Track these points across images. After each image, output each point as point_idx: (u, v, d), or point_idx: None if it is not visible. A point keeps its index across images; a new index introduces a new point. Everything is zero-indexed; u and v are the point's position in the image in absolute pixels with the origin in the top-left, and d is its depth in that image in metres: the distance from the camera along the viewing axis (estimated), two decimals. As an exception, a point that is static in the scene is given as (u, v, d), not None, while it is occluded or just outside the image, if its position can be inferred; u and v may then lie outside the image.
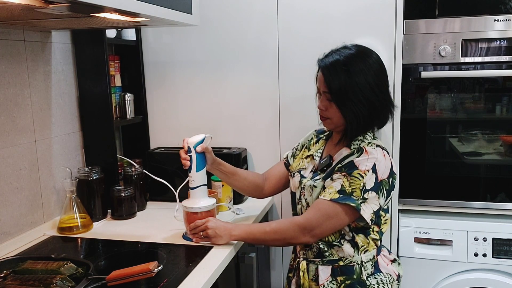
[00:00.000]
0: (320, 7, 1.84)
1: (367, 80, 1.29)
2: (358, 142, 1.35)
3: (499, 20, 1.70)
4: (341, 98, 1.31)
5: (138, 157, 2.01)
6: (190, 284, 1.21)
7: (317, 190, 1.35)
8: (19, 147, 1.53)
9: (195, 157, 1.48)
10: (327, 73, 1.32)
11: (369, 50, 1.36)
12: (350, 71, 1.29)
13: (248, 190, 1.64)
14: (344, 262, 1.34)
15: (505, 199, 1.80)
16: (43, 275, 1.19)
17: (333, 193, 1.28)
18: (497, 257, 1.78)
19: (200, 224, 1.46)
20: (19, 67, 1.53)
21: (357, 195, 1.26)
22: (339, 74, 1.30)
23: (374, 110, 1.32)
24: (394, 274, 1.39)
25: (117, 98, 1.98)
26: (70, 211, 1.61)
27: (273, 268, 2.07)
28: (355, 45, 1.37)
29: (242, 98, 2.01)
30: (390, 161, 1.33)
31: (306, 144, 1.55)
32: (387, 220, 1.38)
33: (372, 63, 1.32)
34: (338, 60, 1.31)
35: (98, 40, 1.77)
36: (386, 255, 1.42)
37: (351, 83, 1.29)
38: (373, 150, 1.30)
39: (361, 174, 1.27)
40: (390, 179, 1.31)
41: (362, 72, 1.29)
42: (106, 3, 1.07)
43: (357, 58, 1.32)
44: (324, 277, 1.35)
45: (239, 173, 1.61)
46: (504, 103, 1.77)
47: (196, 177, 1.49)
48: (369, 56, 1.34)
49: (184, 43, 2.03)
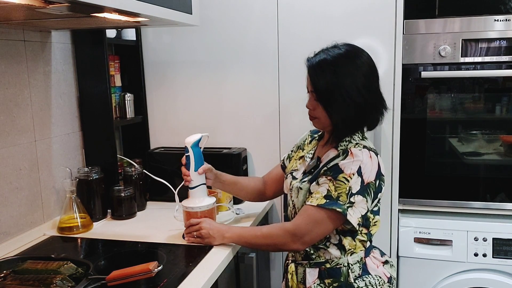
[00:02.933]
0: (320, 7, 1.84)
1: (354, 82, 1.26)
2: (346, 143, 1.31)
3: (499, 20, 1.70)
4: (327, 99, 1.28)
5: (138, 157, 2.01)
6: (190, 284, 1.21)
7: (302, 192, 1.34)
8: (19, 147, 1.53)
9: (192, 157, 1.48)
10: (313, 73, 1.30)
11: (359, 50, 1.32)
12: (337, 72, 1.26)
13: (250, 197, 1.66)
14: (331, 265, 1.32)
15: (505, 199, 1.80)
16: (43, 275, 1.19)
17: (320, 199, 1.25)
18: (497, 257, 1.78)
19: (194, 223, 1.46)
20: (19, 67, 1.53)
21: (343, 199, 1.24)
22: (326, 74, 1.27)
23: (360, 112, 1.29)
24: (385, 276, 1.36)
25: (117, 98, 1.98)
26: (70, 211, 1.61)
27: (273, 268, 2.07)
28: (346, 45, 1.33)
29: (242, 98, 2.01)
30: (378, 162, 1.29)
31: (300, 145, 1.54)
32: (377, 222, 1.35)
33: (361, 64, 1.29)
34: (325, 60, 1.28)
35: (98, 40, 1.77)
36: (376, 257, 1.39)
37: (337, 83, 1.26)
38: (358, 152, 1.27)
39: (347, 177, 1.24)
40: (377, 181, 1.28)
41: (349, 73, 1.26)
42: (106, 3, 1.07)
43: (345, 58, 1.29)
44: (312, 280, 1.33)
45: (240, 181, 1.64)
46: (504, 103, 1.77)
47: (195, 177, 1.49)
48: (358, 57, 1.30)
49: (184, 43, 2.03)
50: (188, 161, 1.49)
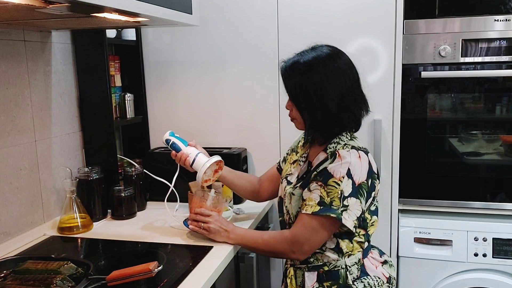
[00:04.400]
0: (320, 7, 1.84)
1: (323, 84, 1.25)
2: (334, 145, 1.30)
3: (499, 20, 1.70)
4: (297, 101, 1.30)
5: (138, 157, 2.01)
6: (190, 284, 1.21)
7: (295, 197, 1.33)
8: (19, 147, 1.53)
9: (176, 139, 1.55)
10: (285, 74, 1.32)
11: (336, 53, 1.31)
12: (307, 73, 1.27)
13: (245, 192, 1.66)
14: (329, 267, 1.31)
15: (505, 199, 1.80)
16: (43, 275, 1.19)
17: (314, 206, 1.25)
18: (497, 257, 1.78)
19: (205, 214, 1.46)
20: (19, 67, 1.53)
21: (337, 204, 1.23)
22: (295, 75, 1.29)
23: (330, 115, 1.27)
24: (384, 277, 1.35)
25: (117, 98, 1.99)
26: (70, 211, 1.61)
27: (273, 268, 2.07)
28: (324, 46, 1.32)
29: (242, 98, 2.01)
30: (368, 161, 1.27)
31: (294, 147, 1.53)
32: (375, 223, 1.34)
33: (334, 67, 1.27)
34: (297, 62, 1.29)
35: (98, 40, 1.77)
36: (375, 257, 1.38)
37: (306, 85, 1.26)
38: (346, 154, 1.25)
39: (337, 181, 1.23)
40: (369, 180, 1.26)
41: (319, 75, 1.26)
42: (106, 3, 1.07)
43: (317, 60, 1.28)
44: (310, 283, 1.32)
45: (235, 172, 1.66)
46: (504, 103, 1.78)
47: (188, 150, 1.53)
48: (332, 59, 1.28)
49: (184, 43, 2.03)
50: (175, 146, 1.55)
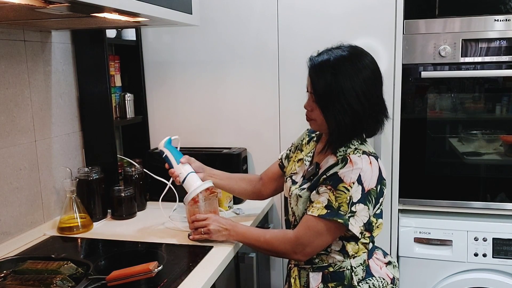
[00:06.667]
0: (320, 7, 1.84)
1: (353, 87, 1.22)
2: (344, 149, 1.28)
3: (499, 20, 1.70)
4: (324, 102, 1.25)
5: (138, 157, 2.01)
6: (190, 284, 1.21)
7: (302, 200, 1.32)
8: (19, 147, 1.53)
9: (169, 153, 1.52)
10: (314, 74, 1.27)
11: (363, 54, 1.28)
12: (337, 75, 1.22)
13: (246, 194, 1.66)
14: (334, 268, 1.31)
15: (505, 199, 1.80)
16: (43, 275, 1.19)
17: (321, 209, 1.24)
18: (497, 257, 1.78)
19: (200, 218, 1.45)
20: (19, 67, 1.53)
21: (344, 209, 1.21)
22: (326, 76, 1.23)
23: (357, 119, 1.24)
24: (388, 278, 1.35)
25: (117, 98, 1.98)
26: (70, 211, 1.61)
27: (273, 268, 2.07)
28: (350, 46, 1.29)
29: (242, 98, 2.01)
30: (378, 167, 1.26)
31: (298, 145, 1.52)
32: (380, 225, 1.33)
33: (362, 68, 1.24)
34: (327, 61, 1.24)
35: (98, 40, 1.77)
36: (379, 258, 1.38)
37: (336, 87, 1.22)
38: (358, 159, 1.23)
39: (347, 187, 1.21)
40: (378, 186, 1.25)
41: (349, 77, 1.22)
42: (106, 3, 1.07)
43: (347, 61, 1.24)
44: (315, 284, 1.32)
45: (234, 177, 1.64)
46: (504, 103, 1.77)
47: (181, 169, 1.50)
48: (360, 60, 1.25)
49: (184, 43, 2.03)
50: (168, 160, 1.52)
